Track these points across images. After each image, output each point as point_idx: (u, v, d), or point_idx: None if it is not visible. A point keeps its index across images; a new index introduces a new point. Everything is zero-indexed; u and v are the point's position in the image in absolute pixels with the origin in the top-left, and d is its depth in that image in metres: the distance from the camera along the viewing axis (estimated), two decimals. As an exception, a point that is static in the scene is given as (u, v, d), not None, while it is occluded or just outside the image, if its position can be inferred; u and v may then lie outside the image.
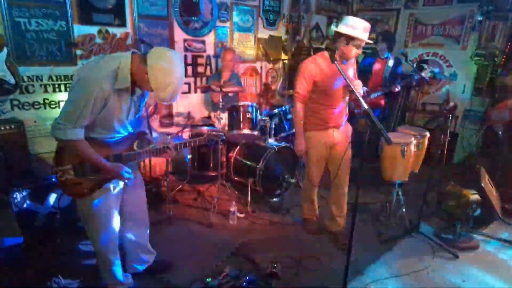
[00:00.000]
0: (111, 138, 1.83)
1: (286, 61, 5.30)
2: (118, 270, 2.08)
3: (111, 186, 1.87)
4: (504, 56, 4.14)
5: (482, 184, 3.07)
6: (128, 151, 1.91)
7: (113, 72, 1.66)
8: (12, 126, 2.76)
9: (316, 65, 2.57)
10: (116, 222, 1.97)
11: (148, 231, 2.32)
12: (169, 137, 2.18)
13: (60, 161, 1.74)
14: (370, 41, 2.51)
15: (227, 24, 4.45)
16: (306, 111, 2.72)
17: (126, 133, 1.90)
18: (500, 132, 3.85)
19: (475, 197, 2.97)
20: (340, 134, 2.76)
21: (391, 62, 4.25)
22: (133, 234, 2.20)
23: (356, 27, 2.39)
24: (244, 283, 2.24)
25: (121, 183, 1.93)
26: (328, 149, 2.78)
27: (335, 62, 2.03)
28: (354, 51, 2.47)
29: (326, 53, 2.58)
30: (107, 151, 1.81)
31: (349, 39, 2.41)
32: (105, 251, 1.98)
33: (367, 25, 2.41)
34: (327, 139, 2.73)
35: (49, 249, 2.53)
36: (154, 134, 2.05)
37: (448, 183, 3.25)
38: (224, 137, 2.60)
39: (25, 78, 3.00)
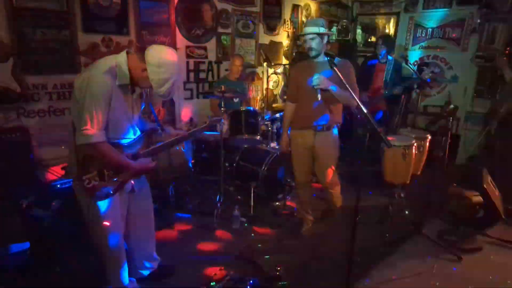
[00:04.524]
0: (124, 140, 1.87)
1: (287, 66, 5.34)
2: (125, 274, 2.11)
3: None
4: (505, 58, 4.16)
5: (484, 186, 3.07)
6: (144, 149, 1.96)
7: (112, 68, 1.71)
8: (18, 134, 2.80)
9: None
10: (121, 226, 2.00)
11: (154, 238, 2.36)
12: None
13: (84, 170, 1.76)
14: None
15: (229, 30, 4.51)
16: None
17: (135, 135, 1.94)
18: (493, 128, 3.86)
19: (477, 198, 2.97)
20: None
21: (391, 66, 4.27)
22: (139, 241, 2.23)
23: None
24: (248, 287, 2.25)
25: (129, 186, 1.96)
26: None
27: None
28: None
29: None
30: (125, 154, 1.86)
31: None
32: (112, 254, 2.00)
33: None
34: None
35: (54, 255, 2.55)
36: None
37: (450, 185, 3.25)
38: (223, 121, 2.94)
39: (31, 87, 3.05)
